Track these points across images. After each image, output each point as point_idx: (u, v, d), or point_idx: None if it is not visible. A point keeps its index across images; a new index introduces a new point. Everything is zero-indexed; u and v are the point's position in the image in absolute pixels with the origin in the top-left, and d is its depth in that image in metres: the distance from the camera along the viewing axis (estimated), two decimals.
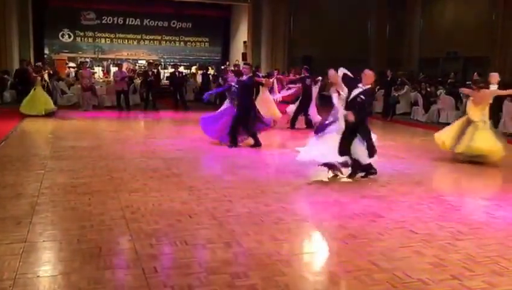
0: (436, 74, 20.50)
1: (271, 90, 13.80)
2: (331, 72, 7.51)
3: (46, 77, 15.42)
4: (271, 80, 13.78)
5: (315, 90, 13.52)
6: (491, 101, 8.90)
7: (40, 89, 14.80)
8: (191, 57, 27.12)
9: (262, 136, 10.76)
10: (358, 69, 7.40)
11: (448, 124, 14.76)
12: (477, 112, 8.73)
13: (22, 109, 14.55)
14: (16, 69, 18.69)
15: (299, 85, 13.74)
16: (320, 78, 13.76)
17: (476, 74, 12.86)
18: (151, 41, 27.09)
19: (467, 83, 15.37)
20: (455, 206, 6.03)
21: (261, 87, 13.44)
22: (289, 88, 14.31)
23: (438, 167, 8.56)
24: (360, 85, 7.12)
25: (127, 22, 26.51)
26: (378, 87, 18.19)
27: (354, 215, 5.64)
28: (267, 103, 13.26)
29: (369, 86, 7.14)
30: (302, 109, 13.45)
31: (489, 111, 8.83)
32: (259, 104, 13.23)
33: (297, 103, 13.59)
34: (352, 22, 23.25)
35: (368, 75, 7.15)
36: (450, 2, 21.44)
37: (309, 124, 13.28)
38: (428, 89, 16.68)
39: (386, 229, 5.05)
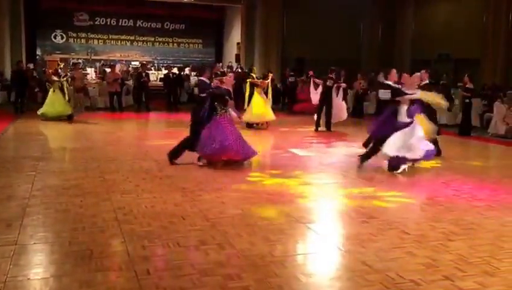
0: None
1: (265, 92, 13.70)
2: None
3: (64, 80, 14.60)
4: (266, 82, 13.68)
5: (339, 95, 13.50)
6: None
7: (58, 91, 14.30)
8: (184, 58, 27.07)
9: (256, 136, 10.75)
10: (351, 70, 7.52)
11: (440, 125, 14.88)
12: None
13: (42, 113, 14.13)
14: (12, 70, 18.50)
15: (320, 81, 13.60)
16: (344, 84, 13.76)
17: (467, 75, 12.94)
18: (145, 43, 27.02)
19: (458, 84, 15.45)
20: (447, 207, 6.04)
21: (255, 88, 13.40)
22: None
23: (430, 167, 8.58)
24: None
25: (120, 23, 26.43)
26: (371, 89, 18.31)
27: (346, 216, 5.65)
28: (261, 106, 13.28)
29: None
30: (321, 110, 13.35)
31: None
32: (252, 107, 13.31)
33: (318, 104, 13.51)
34: (345, 24, 23.31)
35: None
36: (441, 4, 21.54)
37: (329, 126, 13.31)
38: None
39: (379, 230, 5.05)
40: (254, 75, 14.23)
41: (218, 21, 27.82)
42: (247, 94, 13.66)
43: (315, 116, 13.56)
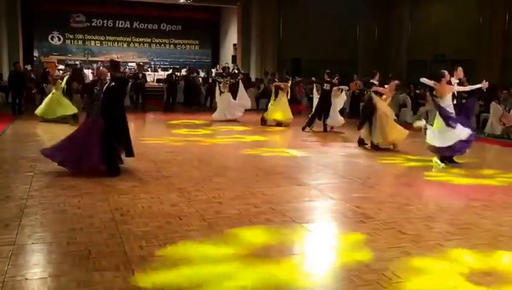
0: (424, 76, 20.68)
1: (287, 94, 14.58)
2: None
3: (65, 80, 14.44)
4: (289, 85, 14.73)
5: (342, 97, 13.65)
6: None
7: (58, 92, 14.07)
8: (181, 60, 27.09)
9: (253, 137, 10.73)
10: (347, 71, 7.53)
11: None
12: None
13: (39, 112, 14.07)
14: (11, 71, 18.46)
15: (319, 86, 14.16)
16: (346, 87, 13.97)
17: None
18: (141, 44, 27.05)
19: None
20: (443, 207, 6.07)
21: (280, 91, 14.45)
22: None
23: (426, 168, 8.61)
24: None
25: (116, 25, 26.46)
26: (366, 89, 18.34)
27: (342, 216, 5.67)
28: (283, 107, 14.37)
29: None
30: (320, 114, 13.46)
31: None
32: (276, 107, 14.41)
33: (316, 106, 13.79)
34: (341, 25, 23.36)
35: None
36: (437, 6, 21.62)
37: (326, 130, 13.40)
38: (418, 91, 16.80)
39: (375, 229, 5.08)
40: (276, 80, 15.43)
41: (215, 22, 27.87)
42: (273, 96, 14.71)
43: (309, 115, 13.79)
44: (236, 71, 21.10)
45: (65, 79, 14.43)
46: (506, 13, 18.19)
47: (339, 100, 13.53)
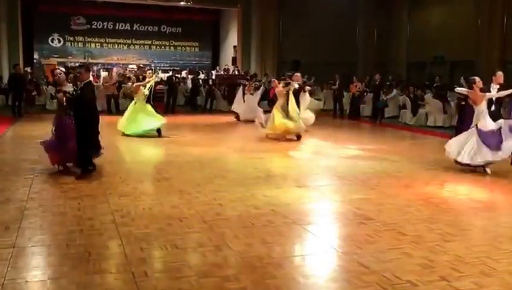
0: (423, 78, 20.74)
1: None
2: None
3: (148, 86, 12.14)
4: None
5: (306, 98, 13.70)
6: None
7: (140, 102, 11.94)
8: (181, 62, 27.12)
9: (252, 139, 10.70)
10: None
11: (436, 127, 14.95)
12: None
13: (121, 127, 11.93)
14: (10, 73, 18.46)
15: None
16: (309, 88, 14.08)
17: (462, 78, 13.00)
18: (141, 46, 27.08)
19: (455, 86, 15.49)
20: (444, 208, 6.07)
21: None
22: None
23: (426, 169, 8.61)
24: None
25: (116, 27, 26.49)
26: (367, 90, 18.35)
27: (343, 218, 5.67)
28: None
29: None
30: None
31: None
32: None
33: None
34: (341, 27, 23.38)
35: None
36: (436, 8, 21.62)
37: None
38: (417, 93, 16.80)
39: (375, 231, 5.08)
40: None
41: (215, 24, 27.90)
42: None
43: None
44: (236, 72, 21.13)
45: (150, 84, 12.24)
46: (504, 15, 18.19)
47: (304, 101, 13.56)
